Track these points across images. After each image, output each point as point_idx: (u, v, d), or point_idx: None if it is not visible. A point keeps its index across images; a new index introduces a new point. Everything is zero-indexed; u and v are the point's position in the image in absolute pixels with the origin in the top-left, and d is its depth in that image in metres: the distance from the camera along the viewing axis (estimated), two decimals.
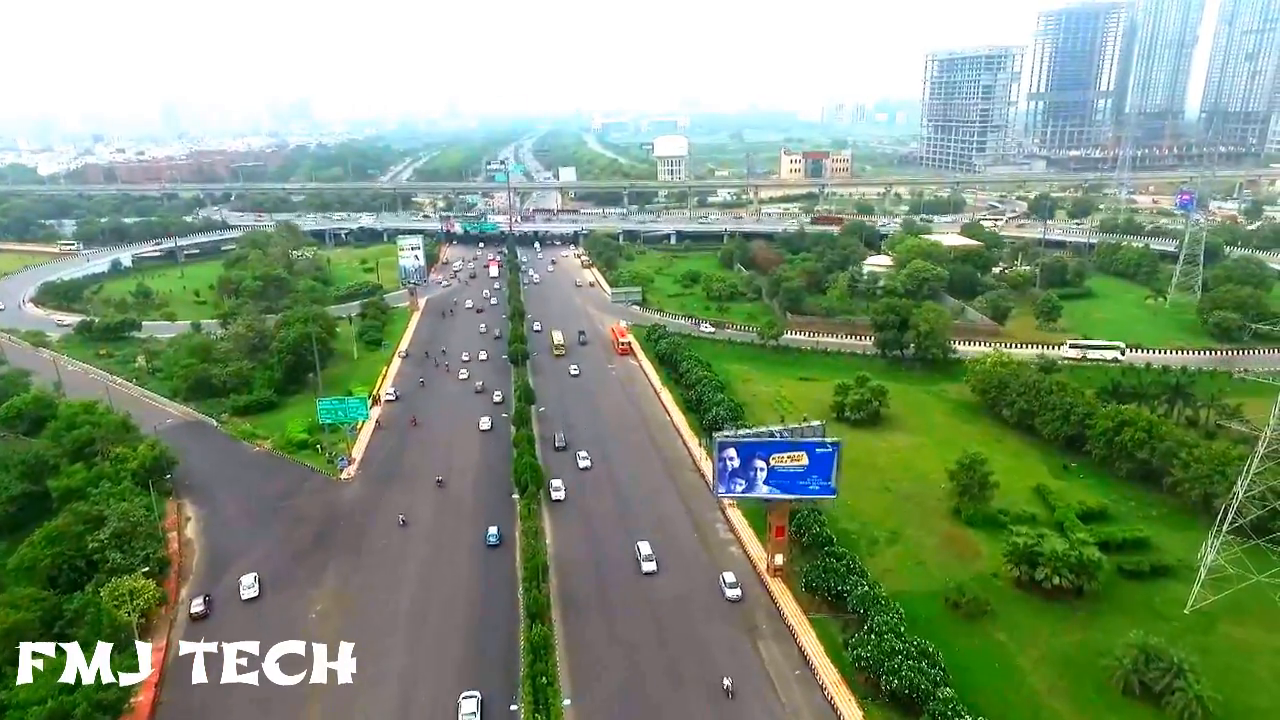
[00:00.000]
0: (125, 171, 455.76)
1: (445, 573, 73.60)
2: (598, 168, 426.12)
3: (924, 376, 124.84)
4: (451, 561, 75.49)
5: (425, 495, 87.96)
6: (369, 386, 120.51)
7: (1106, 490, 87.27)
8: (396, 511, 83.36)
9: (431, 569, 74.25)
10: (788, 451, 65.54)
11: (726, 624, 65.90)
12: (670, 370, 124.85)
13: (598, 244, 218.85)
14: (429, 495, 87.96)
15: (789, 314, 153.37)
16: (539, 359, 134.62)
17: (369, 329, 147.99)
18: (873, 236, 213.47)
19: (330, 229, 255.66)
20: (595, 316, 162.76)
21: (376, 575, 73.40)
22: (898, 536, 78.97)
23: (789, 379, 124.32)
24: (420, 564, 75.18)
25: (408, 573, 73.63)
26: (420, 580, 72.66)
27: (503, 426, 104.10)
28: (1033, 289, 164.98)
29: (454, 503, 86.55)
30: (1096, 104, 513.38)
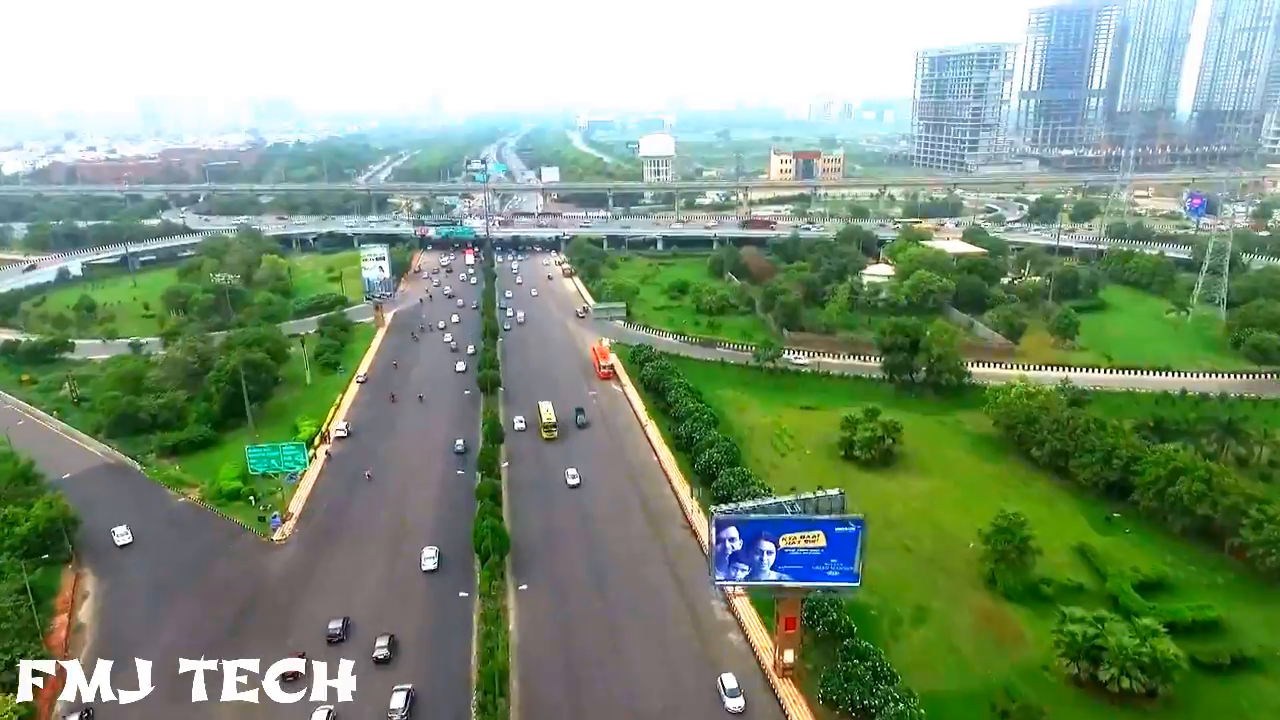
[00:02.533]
0: (90, 171, 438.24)
1: (387, 673, 60.88)
2: (581, 167, 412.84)
3: (937, 404, 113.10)
4: (397, 662, 62.41)
5: (371, 563, 75.25)
6: (318, 420, 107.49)
7: (1158, 549, 75.85)
8: (332, 586, 70.55)
9: (367, 665, 61.49)
10: (801, 531, 53.49)
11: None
12: (657, 398, 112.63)
13: (580, 251, 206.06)
14: (375, 562, 75.27)
15: (785, 330, 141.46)
16: (511, 385, 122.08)
17: (326, 349, 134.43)
18: (871, 243, 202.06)
19: (297, 234, 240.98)
20: (576, 334, 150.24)
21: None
22: (925, 614, 67.14)
23: (789, 407, 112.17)
24: (358, 653, 62.41)
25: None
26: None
27: (469, 476, 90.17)
28: (1045, 301, 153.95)
29: (403, 578, 73.47)
30: (1088, 103, 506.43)
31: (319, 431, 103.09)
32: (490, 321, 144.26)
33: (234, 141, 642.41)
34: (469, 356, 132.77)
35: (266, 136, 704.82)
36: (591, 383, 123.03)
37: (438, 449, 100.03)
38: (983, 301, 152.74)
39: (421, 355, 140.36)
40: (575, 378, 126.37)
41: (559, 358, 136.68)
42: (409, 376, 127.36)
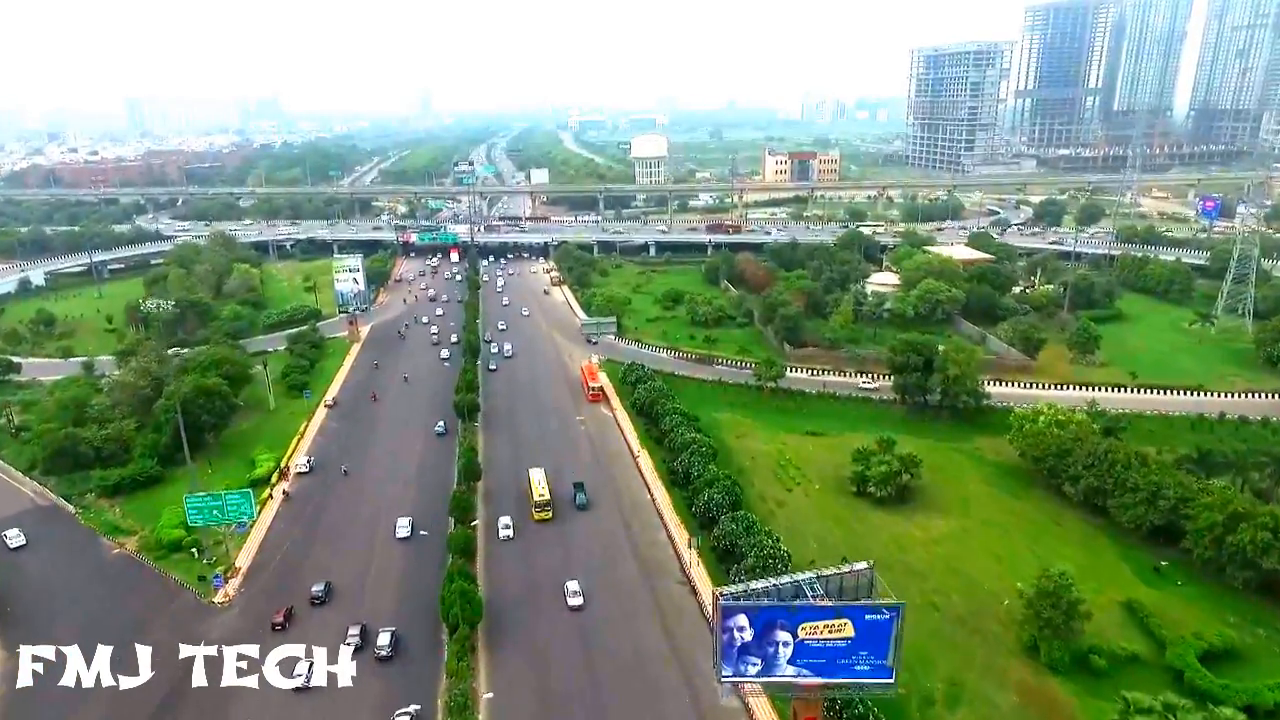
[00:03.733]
0: (68, 174, 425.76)
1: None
2: (572, 169, 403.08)
3: (953, 428, 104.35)
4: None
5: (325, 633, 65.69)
6: (279, 453, 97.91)
7: (1217, 606, 67.15)
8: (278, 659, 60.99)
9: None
10: (823, 620, 44.56)
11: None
12: (650, 423, 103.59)
13: (569, 258, 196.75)
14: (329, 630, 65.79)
15: (787, 345, 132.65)
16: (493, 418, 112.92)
17: (294, 370, 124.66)
18: (873, 248, 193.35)
19: (274, 240, 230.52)
20: (564, 347, 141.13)
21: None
22: (960, 691, 58.27)
23: (793, 433, 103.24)
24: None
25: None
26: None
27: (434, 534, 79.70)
28: (1060, 312, 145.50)
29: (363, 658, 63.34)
30: (1085, 102, 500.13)
31: (277, 467, 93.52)
32: (473, 337, 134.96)
33: (219, 143, 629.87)
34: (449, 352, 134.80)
35: (253, 137, 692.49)
36: (580, 405, 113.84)
37: (409, 486, 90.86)
38: (994, 313, 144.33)
39: (402, 363, 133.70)
40: (563, 400, 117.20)
41: (546, 378, 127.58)
42: (386, 397, 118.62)
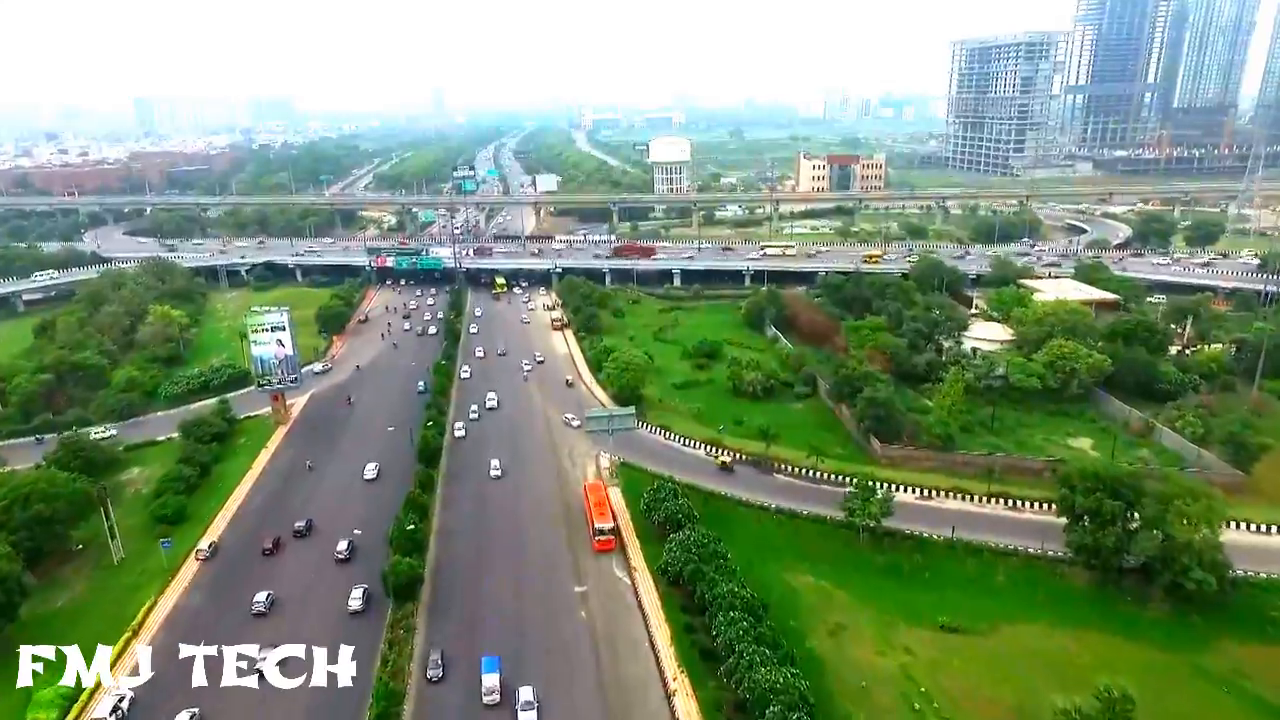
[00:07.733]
0: (39, 178, 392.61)
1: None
2: (583, 173, 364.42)
3: (1173, 620, 65.09)
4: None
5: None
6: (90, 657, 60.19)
7: None
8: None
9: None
10: None
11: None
12: (687, 599, 65.34)
13: (575, 293, 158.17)
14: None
15: (874, 438, 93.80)
16: None
17: (170, 485, 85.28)
18: (956, 282, 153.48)
19: (223, 265, 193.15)
20: (562, 439, 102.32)
21: None
22: None
23: (918, 626, 64.44)
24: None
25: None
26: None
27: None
28: (1240, 385, 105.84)
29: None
30: (1142, 97, 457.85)
31: (71, 700, 55.66)
32: (431, 438, 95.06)
33: (220, 143, 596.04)
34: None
35: (257, 137, 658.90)
36: (581, 556, 75.10)
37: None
38: (1151, 386, 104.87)
39: (339, 460, 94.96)
40: (554, 547, 77.28)
41: (535, 499, 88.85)
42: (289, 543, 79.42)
